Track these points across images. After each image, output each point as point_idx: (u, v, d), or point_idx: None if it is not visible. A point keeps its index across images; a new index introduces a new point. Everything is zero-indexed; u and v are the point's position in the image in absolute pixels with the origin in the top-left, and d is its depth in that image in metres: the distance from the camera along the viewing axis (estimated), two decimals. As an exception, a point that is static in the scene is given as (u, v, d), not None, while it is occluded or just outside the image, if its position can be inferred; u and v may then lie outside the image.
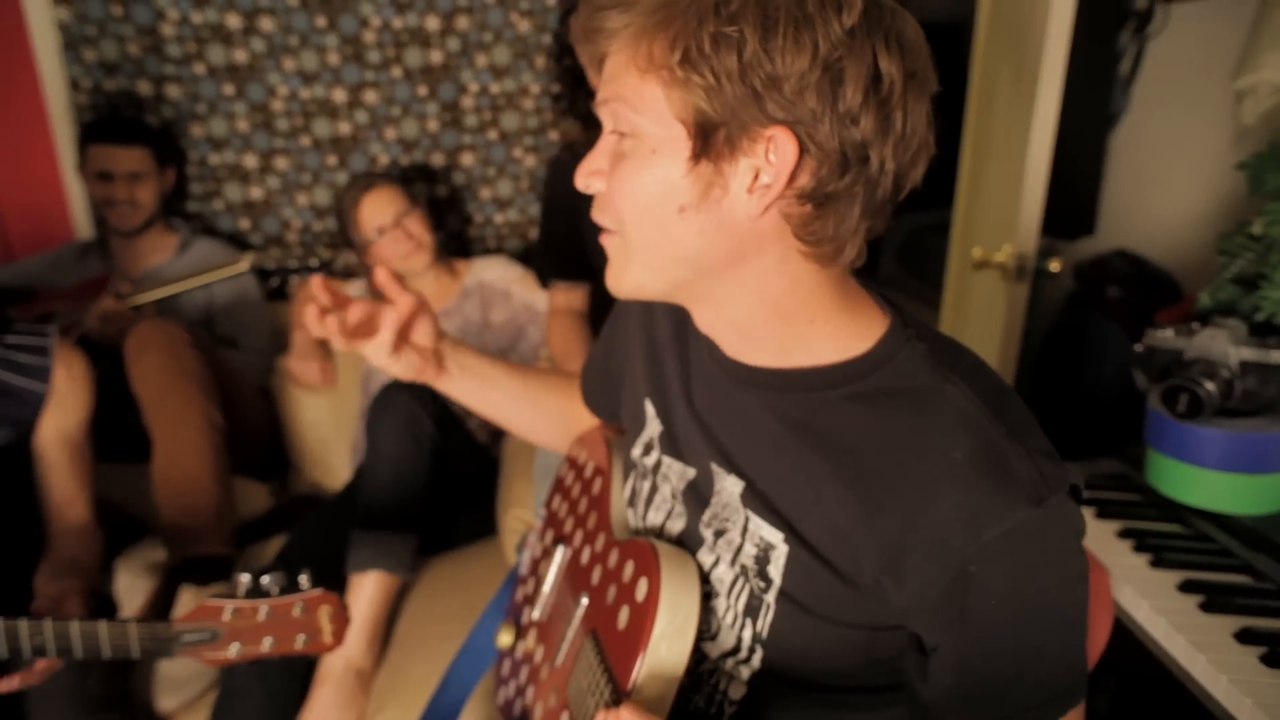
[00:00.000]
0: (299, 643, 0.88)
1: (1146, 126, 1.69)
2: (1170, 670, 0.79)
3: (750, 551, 0.64)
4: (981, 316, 1.75)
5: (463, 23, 1.95)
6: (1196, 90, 1.52)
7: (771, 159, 0.52)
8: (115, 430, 1.43)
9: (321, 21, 1.88)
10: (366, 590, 1.34)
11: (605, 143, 0.60)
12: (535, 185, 2.11)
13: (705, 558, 0.68)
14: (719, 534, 0.66)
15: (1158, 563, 0.92)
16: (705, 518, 0.68)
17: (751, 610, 0.64)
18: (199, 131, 1.91)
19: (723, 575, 0.66)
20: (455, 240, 2.14)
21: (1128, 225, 1.75)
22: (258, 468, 1.80)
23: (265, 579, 0.86)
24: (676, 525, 0.72)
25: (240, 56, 1.88)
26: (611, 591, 0.72)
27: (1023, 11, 1.53)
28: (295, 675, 1.31)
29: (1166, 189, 1.64)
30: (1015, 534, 0.52)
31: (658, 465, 0.74)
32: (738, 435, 0.66)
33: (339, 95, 1.96)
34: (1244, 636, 0.79)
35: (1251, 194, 1.07)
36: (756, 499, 0.63)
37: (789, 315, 0.60)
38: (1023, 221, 1.50)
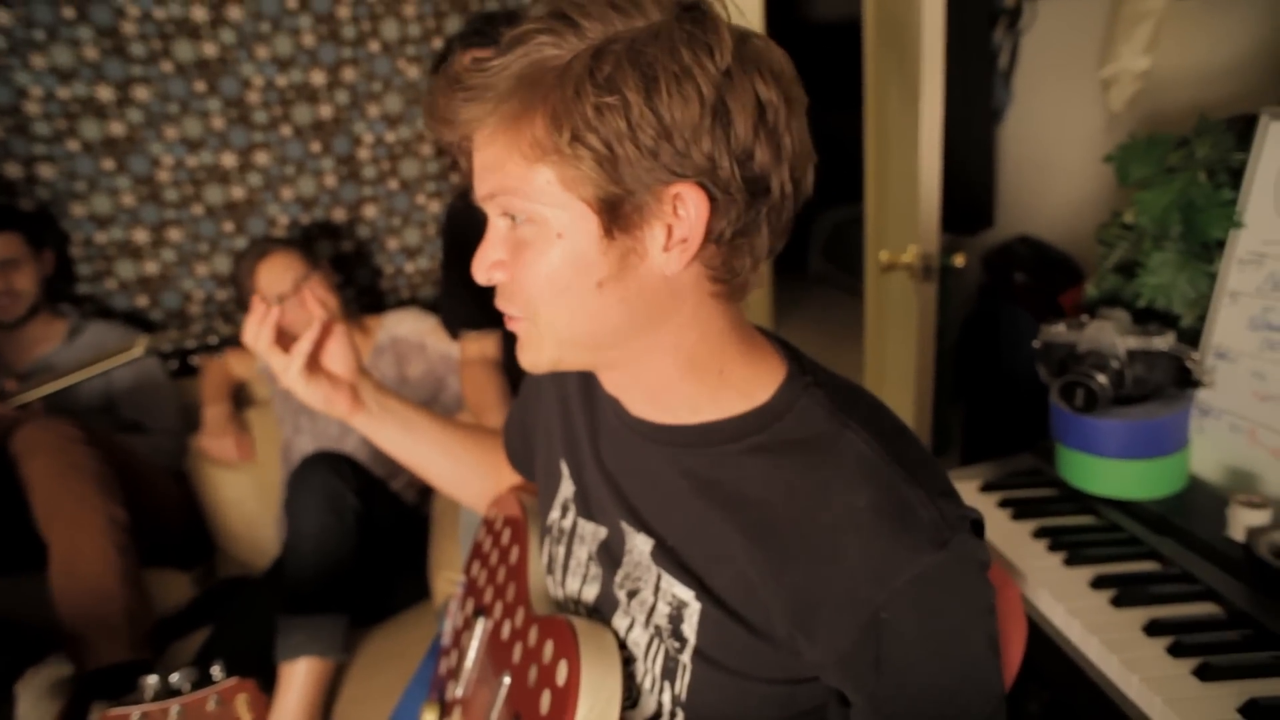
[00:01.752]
0: None
1: (1030, 118, 1.74)
2: (1089, 676, 0.80)
3: (664, 611, 0.62)
4: (898, 316, 1.77)
5: (349, 74, 1.91)
6: (1070, 81, 1.57)
7: (682, 214, 0.51)
8: (9, 540, 1.34)
9: (201, 86, 1.82)
10: (298, 679, 1.28)
11: (496, 232, 0.57)
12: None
13: (620, 621, 0.67)
14: (632, 594, 0.65)
15: (1071, 560, 0.93)
16: (618, 578, 0.66)
17: (669, 672, 0.62)
18: (80, 210, 1.83)
19: (638, 638, 0.65)
20: (367, 294, 2.08)
21: (1024, 214, 1.80)
22: (178, 556, 1.71)
23: (175, 677, 0.82)
24: (592, 590, 0.70)
25: (117, 129, 1.80)
26: (533, 673, 0.69)
27: (899, 12, 1.56)
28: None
29: (1055, 176, 1.69)
30: (922, 579, 0.52)
31: (573, 528, 0.73)
32: (645, 492, 0.65)
33: (228, 159, 1.89)
34: (1152, 629, 0.80)
35: (1120, 184, 1.10)
36: (666, 556, 0.62)
37: (701, 368, 0.59)
38: (923, 221, 1.52)
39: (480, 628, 0.84)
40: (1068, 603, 0.86)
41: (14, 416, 1.52)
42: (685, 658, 0.61)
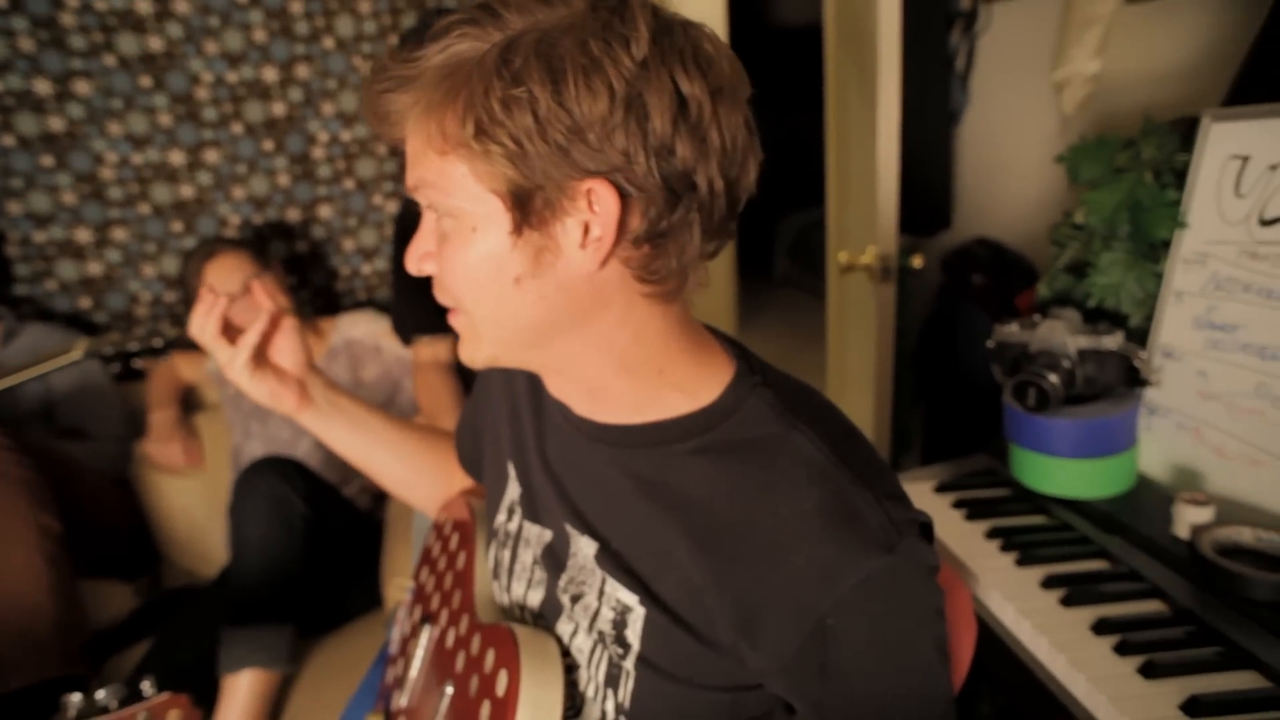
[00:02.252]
0: None
1: (987, 120, 1.75)
2: (1039, 676, 0.79)
3: (607, 616, 0.61)
4: (858, 318, 1.77)
5: (303, 71, 1.86)
6: (1025, 83, 1.59)
7: (597, 210, 0.50)
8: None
9: (146, 81, 1.76)
10: (242, 691, 1.24)
11: (428, 223, 0.57)
12: (400, 231, 2.04)
13: (564, 627, 0.65)
14: (576, 599, 0.63)
15: (1023, 560, 0.93)
16: (562, 582, 0.65)
17: (612, 680, 0.61)
18: (16, 208, 1.76)
19: (582, 644, 0.63)
20: (323, 296, 2.04)
21: (982, 216, 1.81)
22: (121, 566, 1.65)
23: (101, 693, 0.78)
24: (536, 595, 0.69)
25: (56, 124, 1.73)
26: (474, 683, 0.68)
27: (858, 15, 1.56)
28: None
29: (1011, 178, 1.70)
30: (870, 583, 0.51)
31: (519, 531, 0.71)
32: (590, 494, 0.63)
33: (176, 157, 1.84)
34: (1100, 628, 0.80)
35: (1071, 184, 1.11)
36: (611, 560, 0.60)
37: (636, 368, 0.58)
38: (881, 223, 1.53)
39: (425, 636, 0.82)
40: (1018, 603, 0.85)
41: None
42: (629, 664, 0.59)
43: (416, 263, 0.58)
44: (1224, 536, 0.85)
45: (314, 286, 2.02)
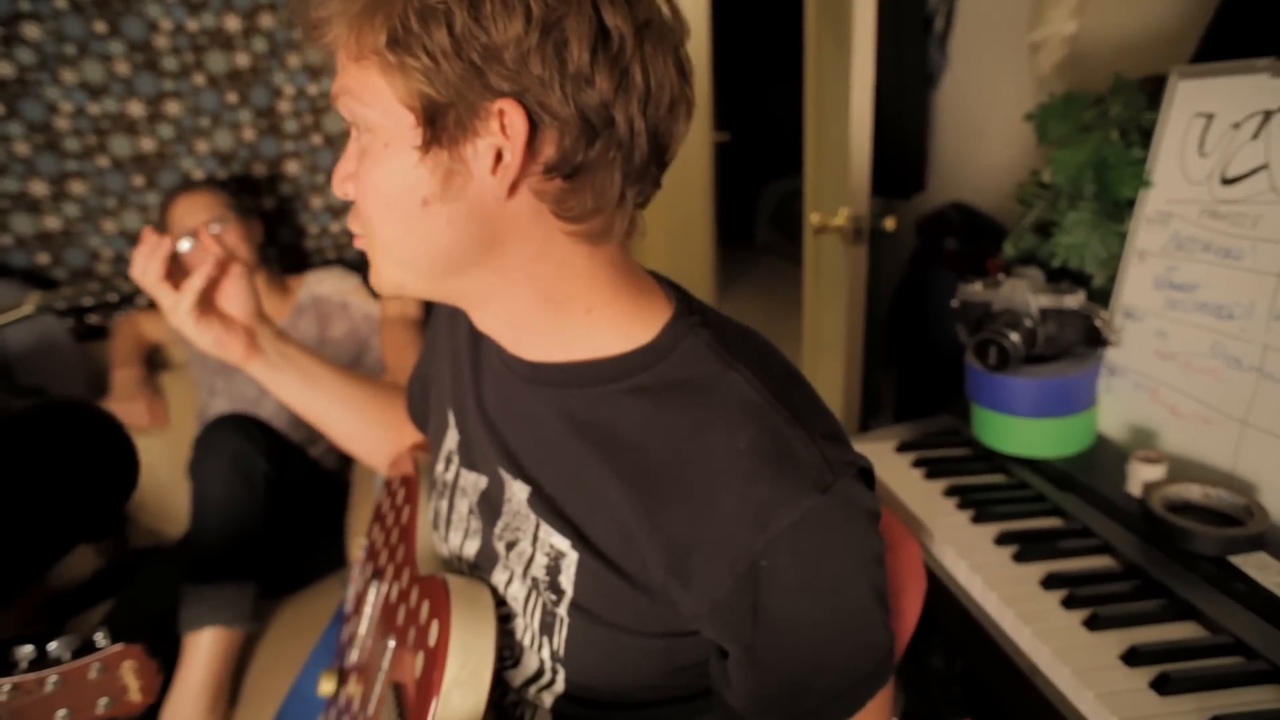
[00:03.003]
0: (101, 707, 0.78)
1: (965, 82, 1.73)
2: (989, 631, 0.80)
3: (541, 562, 0.60)
4: (831, 279, 1.77)
5: (267, 21, 1.80)
6: (1003, 45, 1.57)
7: (509, 136, 0.48)
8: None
9: (101, 27, 1.70)
10: (203, 650, 1.24)
11: (351, 143, 0.55)
12: (371, 188, 2.00)
13: (500, 576, 0.64)
14: (511, 546, 0.63)
15: (978, 518, 0.93)
16: (498, 529, 0.64)
17: (546, 627, 0.61)
18: (-33, 159, 1.70)
19: (517, 592, 0.63)
20: (291, 254, 2.00)
21: (958, 179, 1.80)
22: (85, 526, 1.63)
23: (53, 645, 0.76)
24: (472, 545, 0.68)
25: (4, 70, 1.67)
26: (411, 635, 0.67)
27: (836, -23, 1.53)
28: (128, 753, 1.19)
29: (987, 141, 1.69)
30: (803, 524, 0.50)
31: (456, 479, 0.70)
32: (524, 436, 0.62)
33: (135, 108, 1.78)
34: (1049, 583, 0.81)
35: (1039, 143, 1.10)
36: (544, 504, 0.60)
37: (562, 304, 0.56)
38: (854, 184, 1.51)
39: (374, 592, 0.82)
40: (971, 559, 0.86)
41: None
42: (562, 610, 0.59)
43: (340, 184, 0.56)
44: (1174, 493, 0.86)
45: (282, 244, 1.98)
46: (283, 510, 1.38)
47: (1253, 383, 0.86)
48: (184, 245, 1.55)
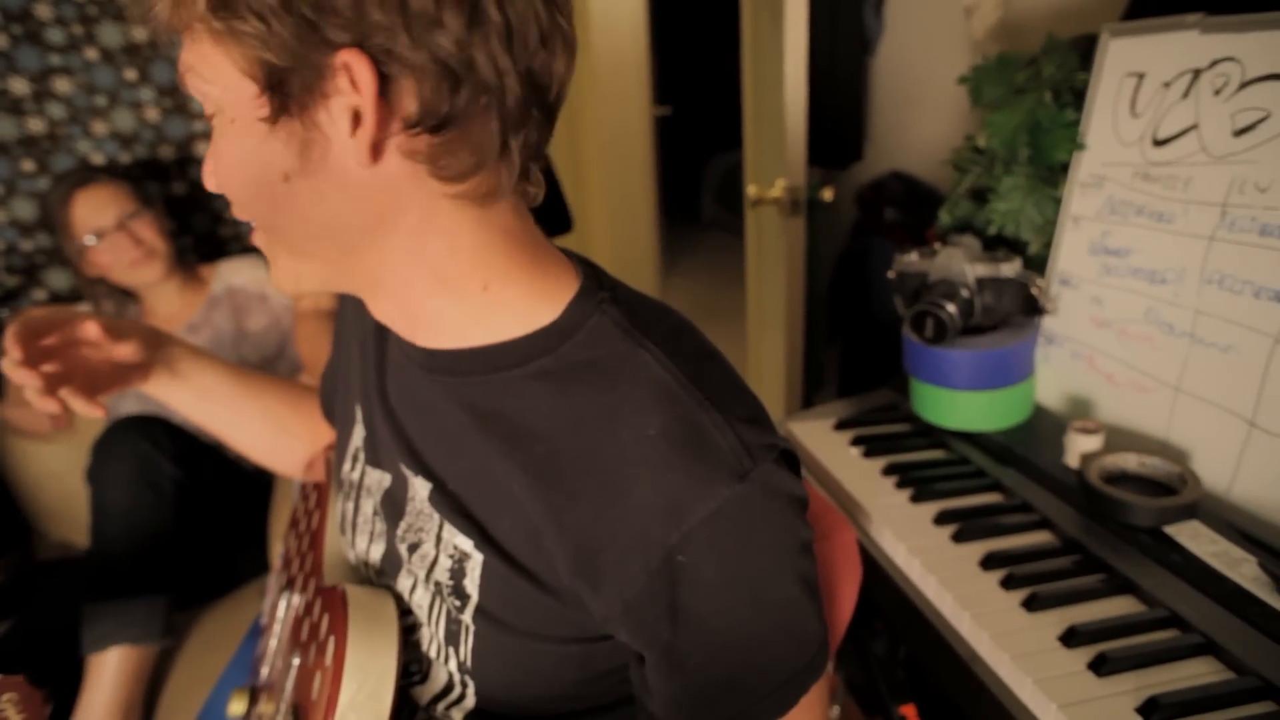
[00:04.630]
0: None
1: (901, 48, 1.70)
2: (927, 615, 0.78)
3: (445, 565, 0.55)
4: (771, 252, 1.73)
5: (162, -12, 1.67)
6: (939, 9, 1.54)
7: (362, 92, 0.43)
8: None
9: (-29, -3, 1.55)
10: (109, 671, 1.15)
11: (213, 130, 0.49)
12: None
13: (404, 582, 0.59)
14: (413, 548, 0.58)
15: (917, 497, 0.91)
16: (400, 530, 0.59)
17: (452, 635, 0.56)
18: None
19: (421, 599, 0.58)
20: (207, 242, 1.87)
21: (896, 147, 1.77)
22: (-17, 541, 1.52)
23: None
24: (378, 549, 0.63)
25: None
26: (312, 652, 0.62)
27: (768, -61, 1.48)
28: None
29: (924, 108, 1.66)
30: (720, 515, 0.46)
31: (361, 479, 0.65)
32: (426, 430, 0.57)
33: (19, 86, 1.63)
34: (988, 562, 0.78)
35: (973, 106, 1.07)
36: (446, 501, 0.55)
37: (455, 283, 0.51)
38: (789, 155, 1.47)
39: (284, 604, 0.76)
40: (909, 541, 0.83)
41: None
42: (467, 617, 0.54)
43: (207, 176, 0.50)
44: (1110, 464, 0.84)
45: (196, 232, 1.86)
46: (196, 516, 1.30)
47: (1185, 348, 0.84)
48: (90, 240, 1.44)
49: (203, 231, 1.87)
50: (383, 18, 0.41)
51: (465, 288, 0.51)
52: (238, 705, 0.78)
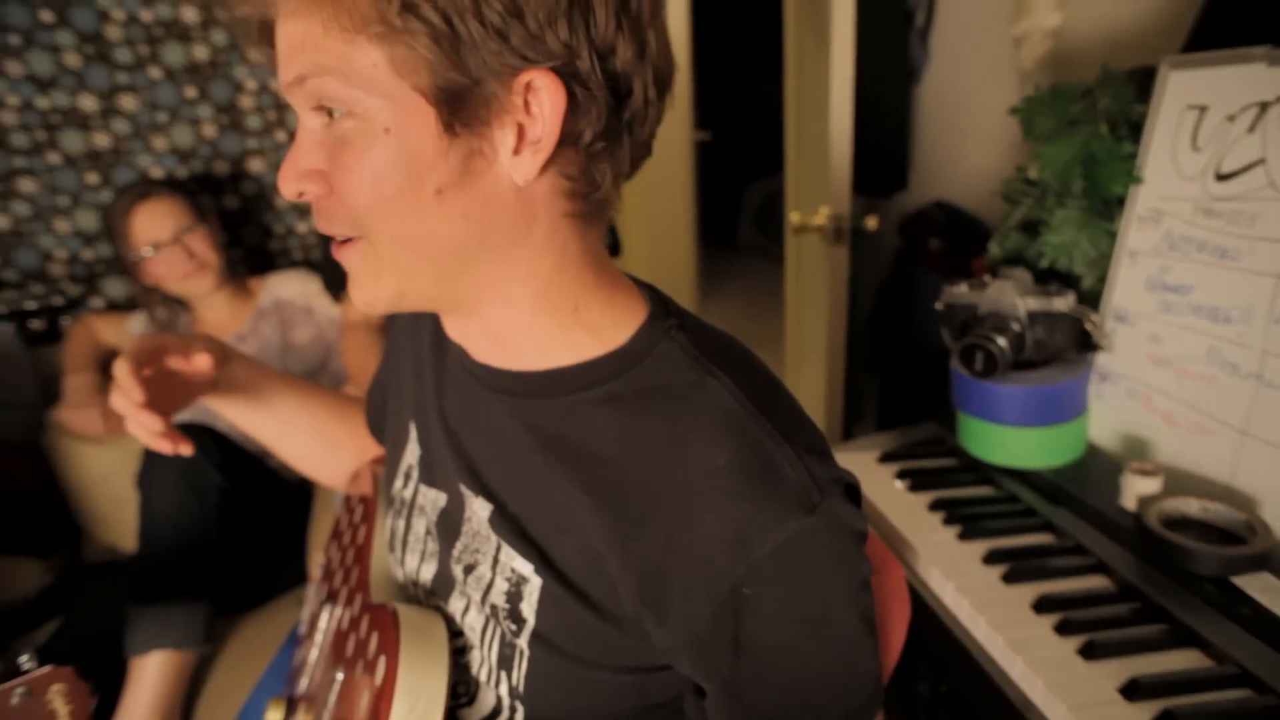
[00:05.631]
0: None
1: (947, 77, 1.69)
2: (976, 657, 0.75)
3: (501, 588, 0.55)
4: (812, 280, 1.72)
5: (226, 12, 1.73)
6: (986, 39, 1.53)
7: (535, 110, 0.43)
8: None
9: (48, 16, 1.62)
10: (150, 674, 1.17)
11: (308, 135, 0.47)
12: (338, 187, 1.93)
13: (456, 603, 0.59)
14: (469, 570, 0.57)
15: (966, 534, 0.88)
16: (456, 551, 0.59)
17: (505, 660, 0.55)
18: (-91, 156, 1.62)
19: (474, 622, 0.57)
20: (256, 255, 1.92)
21: (941, 177, 1.76)
22: (33, 541, 1.55)
23: None
24: (429, 569, 0.62)
25: (-52, 64, 1.59)
26: (359, 669, 0.62)
27: (816, -28, 1.49)
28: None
29: (970, 138, 1.65)
30: (788, 548, 0.45)
31: (414, 497, 0.65)
32: (487, 450, 0.57)
33: (88, 103, 1.70)
34: (1041, 606, 0.76)
35: (1025, 138, 1.05)
36: (506, 524, 0.54)
37: (555, 302, 0.51)
38: (834, 183, 1.47)
39: (326, 617, 0.76)
40: (958, 580, 0.81)
41: None
42: (522, 642, 0.53)
43: (295, 183, 0.47)
44: (1171, 508, 0.81)
45: (246, 245, 1.91)
46: (239, 524, 1.32)
47: (1252, 390, 0.81)
48: (148, 252, 1.48)
49: (252, 245, 1.92)
50: (569, 38, 0.42)
51: (560, 307, 0.51)
52: (274, 714, 0.79)
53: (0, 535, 1.45)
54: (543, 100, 0.43)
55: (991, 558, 0.84)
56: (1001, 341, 0.94)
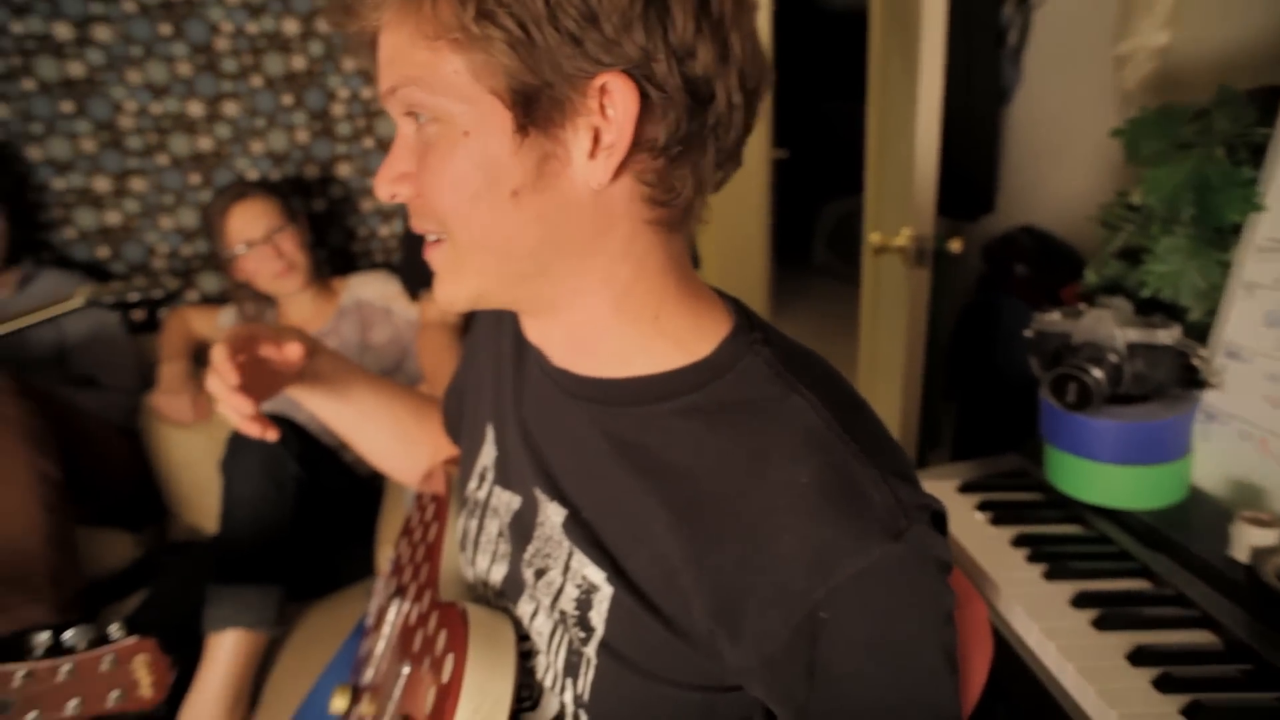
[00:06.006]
0: (112, 700, 0.77)
1: (1040, 98, 1.63)
2: (1063, 705, 0.71)
3: (571, 594, 0.55)
4: (891, 305, 1.68)
5: (324, 25, 1.81)
6: (1084, 59, 1.47)
7: (610, 113, 0.44)
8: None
9: (166, 29, 1.73)
10: (224, 651, 1.21)
11: (403, 139, 0.50)
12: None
13: (525, 607, 0.59)
14: (540, 574, 0.57)
15: (1052, 574, 0.84)
16: (528, 555, 0.59)
17: (571, 667, 0.55)
18: (37, 154, 1.74)
19: (542, 626, 0.57)
20: (340, 256, 2.00)
21: (1029, 201, 1.69)
22: (125, 516, 1.63)
23: (68, 634, 0.76)
24: (499, 570, 0.63)
25: (76, 70, 1.71)
26: (426, 665, 0.63)
27: (906, -13, 1.46)
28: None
29: (1063, 161, 1.58)
30: (870, 574, 0.44)
31: (488, 498, 0.66)
32: (564, 455, 0.57)
33: (195, 108, 1.80)
34: (1138, 657, 0.71)
35: (1128, 162, 1.00)
36: (580, 530, 0.54)
37: (635, 310, 0.51)
38: (917, 203, 1.43)
39: (394, 611, 0.78)
40: (1044, 621, 0.76)
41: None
42: (590, 651, 0.53)
43: (389, 185, 0.50)
44: (1287, 562, 0.75)
45: (330, 246, 1.98)
46: (312, 515, 1.36)
47: (1384, 438, 0.75)
48: (241, 249, 1.56)
49: (337, 246, 1.99)
50: (646, 42, 0.42)
51: (640, 315, 0.51)
52: (340, 701, 0.80)
53: (97, 508, 1.53)
54: (616, 104, 0.43)
55: (1081, 601, 0.79)
56: (1097, 373, 0.89)
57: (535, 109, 0.44)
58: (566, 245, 0.48)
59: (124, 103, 1.75)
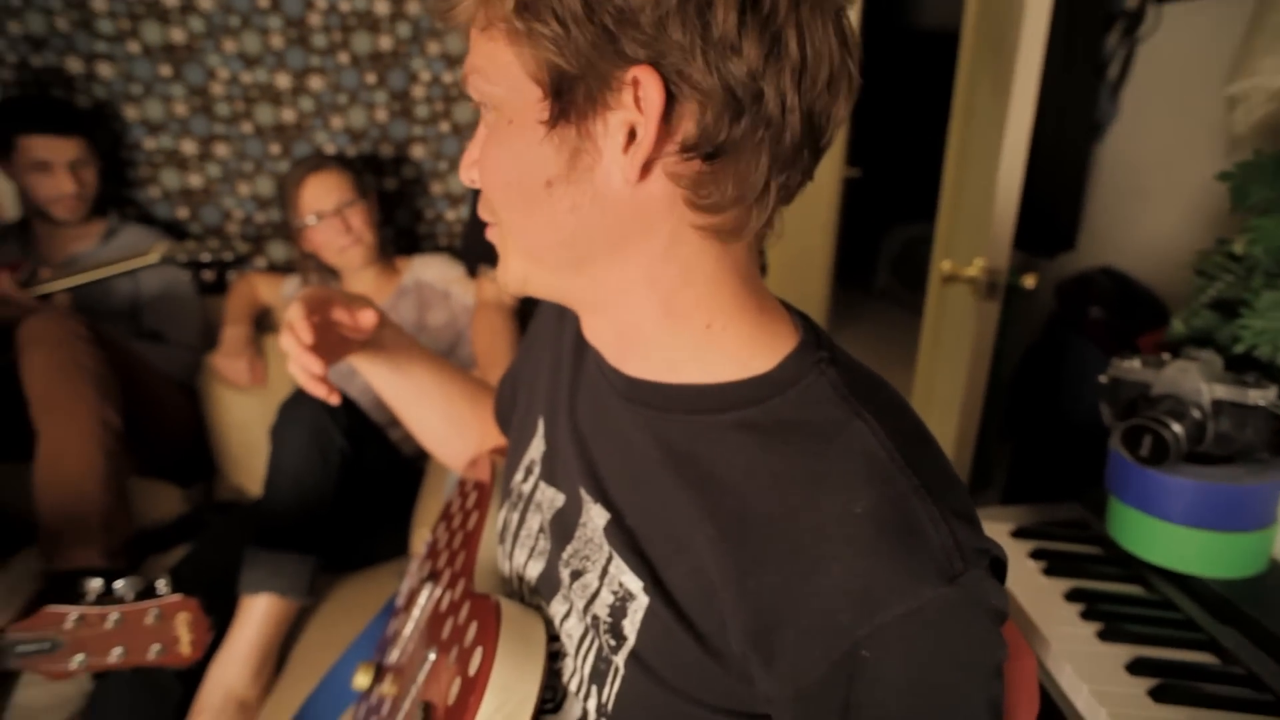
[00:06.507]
0: (153, 653, 0.80)
1: (1136, 135, 1.56)
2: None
3: (606, 600, 0.53)
4: (954, 335, 1.62)
5: (413, 8, 1.84)
6: (1189, 96, 1.40)
7: (643, 110, 0.44)
8: (9, 427, 1.33)
9: (264, 2, 1.78)
10: (256, 614, 1.23)
11: (480, 126, 0.52)
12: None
13: (558, 607, 0.58)
14: (576, 575, 0.56)
15: (1107, 634, 0.79)
16: (566, 554, 0.58)
17: (599, 674, 0.53)
18: (133, 114, 1.81)
19: (573, 629, 0.56)
20: (405, 236, 2.03)
21: (1114, 241, 1.62)
22: (177, 470, 1.69)
23: (119, 584, 0.79)
24: (536, 567, 0.62)
25: (177, 36, 1.77)
26: (453, 654, 0.62)
27: (1003, 15, 1.41)
28: (169, 704, 1.20)
29: (1155, 203, 1.51)
30: (918, 616, 0.41)
31: (532, 492, 0.65)
32: (612, 457, 0.56)
33: (283, 80, 1.85)
34: (1197, 735, 0.66)
35: (1234, 210, 0.94)
36: (621, 536, 0.53)
37: (683, 315, 0.50)
38: (994, 235, 1.38)
39: (425, 595, 0.78)
40: (1095, 684, 0.72)
41: (32, 305, 1.51)
42: (619, 659, 0.52)
43: (465, 170, 0.53)
44: (1374, 652, 0.69)
45: (397, 226, 2.01)
46: (354, 490, 1.38)
47: None
48: (311, 220, 1.59)
49: (404, 226, 2.02)
50: (683, 38, 0.41)
51: (690, 322, 0.50)
52: (363, 677, 0.81)
53: (151, 459, 1.58)
54: (646, 98, 0.43)
55: (1138, 667, 0.74)
56: (1176, 428, 0.84)
57: (570, 101, 0.44)
58: (602, 239, 0.48)
59: (217, 70, 1.81)
